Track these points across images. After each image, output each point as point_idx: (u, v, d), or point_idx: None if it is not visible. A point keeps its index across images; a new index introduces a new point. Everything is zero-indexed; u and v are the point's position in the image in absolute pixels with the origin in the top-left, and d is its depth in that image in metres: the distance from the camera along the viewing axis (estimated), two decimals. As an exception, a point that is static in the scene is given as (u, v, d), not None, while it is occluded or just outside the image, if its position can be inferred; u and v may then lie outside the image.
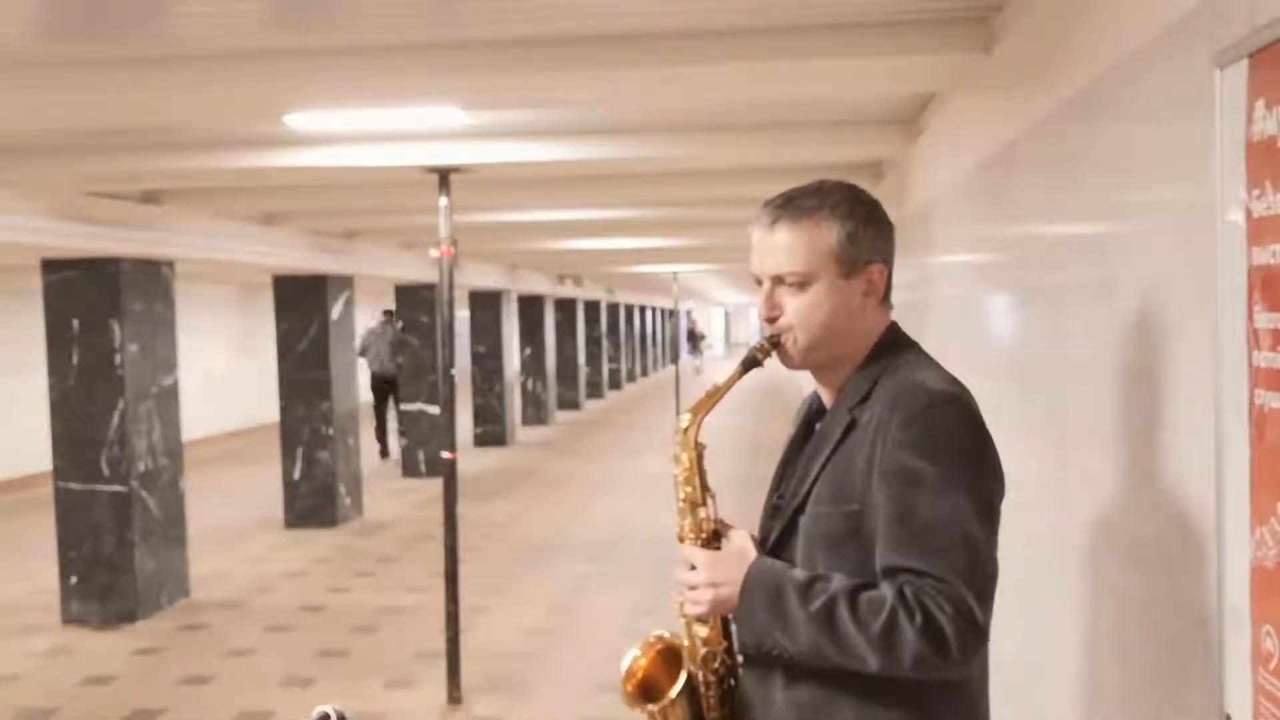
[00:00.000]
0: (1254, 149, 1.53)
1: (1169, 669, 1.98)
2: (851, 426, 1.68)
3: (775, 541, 1.74)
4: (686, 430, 1.80)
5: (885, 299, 1.78)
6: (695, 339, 38.29)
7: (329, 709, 1.66)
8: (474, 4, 3.10)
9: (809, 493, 1.70)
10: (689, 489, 1.81)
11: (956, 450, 1.60)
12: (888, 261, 1.76)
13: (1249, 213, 1.54)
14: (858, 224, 1.71)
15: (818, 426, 1.79)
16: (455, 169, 5.24)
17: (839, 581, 1.60)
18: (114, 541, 6.75)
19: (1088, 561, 2.46)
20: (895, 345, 1.76)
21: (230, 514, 10.26)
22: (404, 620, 6.72)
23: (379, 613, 6.91)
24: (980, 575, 1.57)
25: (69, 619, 6.80)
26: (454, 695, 5.25)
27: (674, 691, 1.80)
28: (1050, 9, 2.73)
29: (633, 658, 1.89)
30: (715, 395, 1.79)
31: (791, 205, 1.73)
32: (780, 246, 1.72)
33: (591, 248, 12.04)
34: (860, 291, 1.73)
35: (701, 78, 3.61)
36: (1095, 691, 2.47)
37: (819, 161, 5.81)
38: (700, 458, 1.82)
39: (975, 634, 1.54)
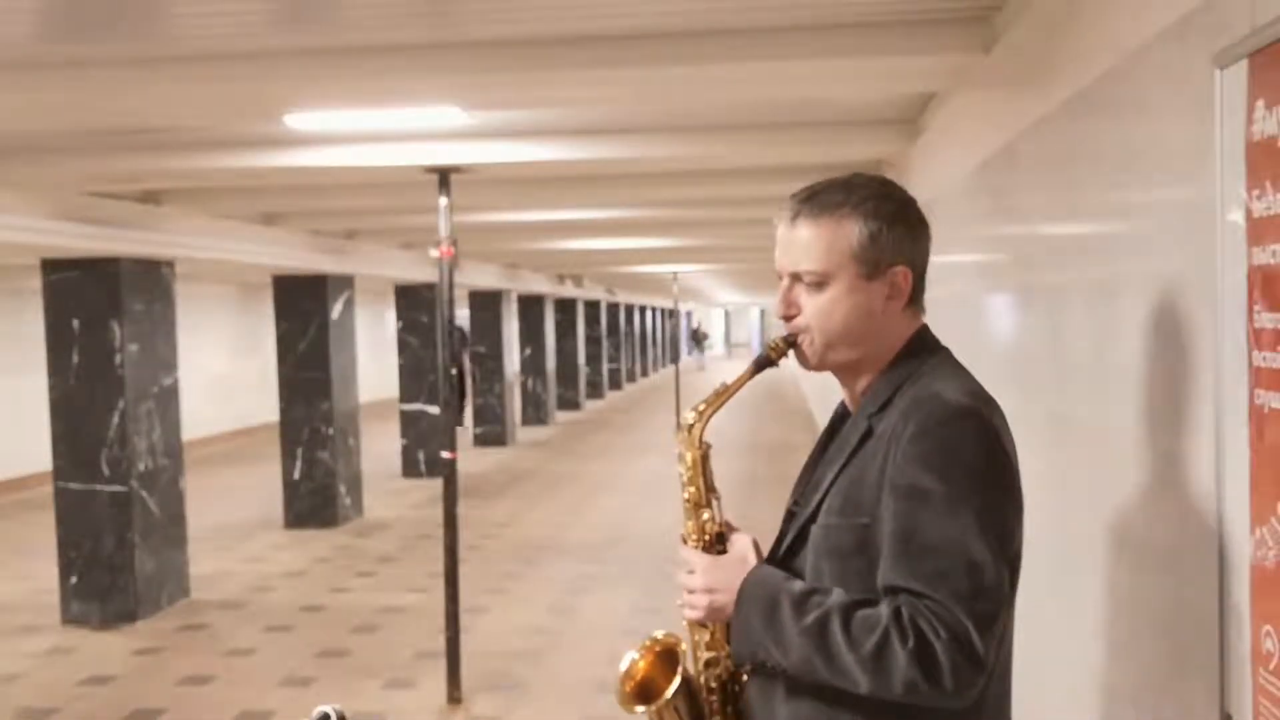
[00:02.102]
0: (1254, 149, 1.53)
1: (1169, 669, 1.98)
2: (868, 435, 1.62)
3: (787, 551, 1.69)
4: (692, 429, 1.75)
5: (914, 302, 1.70)
6: (699, 338, 38.99)
7: (329, 709, 1.65)
8: (474, 4, 3.10)
9: (821, 503, 1.64)
10: (692, 489, 1.76)
11: (969, 468, 1.51)
12: (915, 264, 1.68)
13: (1249, 213, 1.54)
14: (882, 223, 1.63)
15: (841, 432, 1.73)
16: (455, 169, 5.24)
17: (836, 597, 1.54)
18: (114, 541, 6.76)
19: (1088, 561, 2.46)
20: (921, 350, 1.68)
21: (230, 514, 10.26)
22: (404, 620, 6.72)
23: (379, 613, 6.91)
24: (983, 602, 1.48)
25: (69, 619, 6.80)
26: (454, 695, 5.25)
27: (669, 692, 1.76)
28: (1050, 9, 2.73)
29: (631, 660, 1.85)
30: (723, 395, 1.74)
31: (814, 200, 1.66)
32: (799, 243, 1.65)
33: (591, 248, 12.04)
34: (883, 294, 1.65)
35: (701, 78, 3.61)
36: (1095, 691, 2.47)
37: (819, 161, 5.81)
38: (705, 458, 1.77)
39: (971, 663, 1.45)
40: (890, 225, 1.64)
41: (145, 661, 6.09)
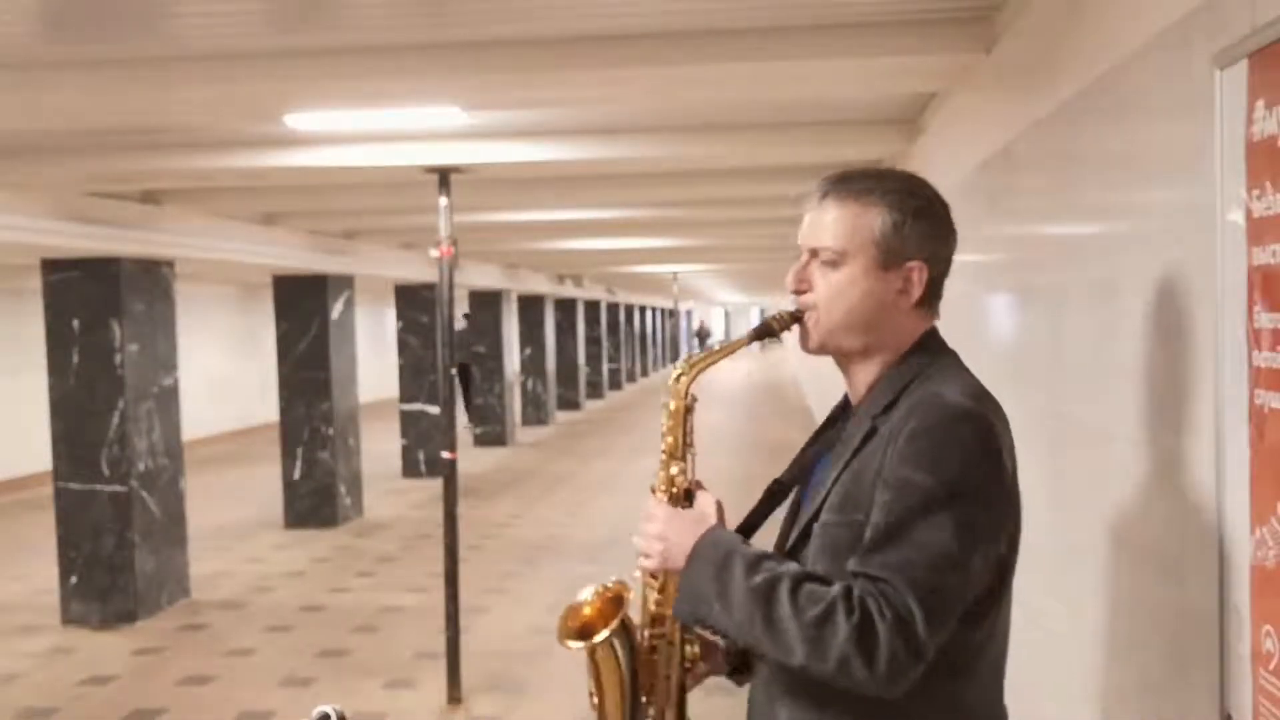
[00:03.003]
0: (1254, 149, 1.53)
1: (1169, 669, 1.98)
2: (871, 435, 1.61)
3: (790, 550, 1.68)
4: (679, 379, 1.75)
5: (927, 303, 1.68)
6: (703, 337, 40.76)
7: (329, 709, 1.65)
8: (473, 4, 3.11)
9: (824, 501, 1.64)
10: (670, 440, 1.76)
11: (961, 468, 1.51)
12: (934, 263, 1.67)
13: (1249, 213, 1.54)
14: (906, 216, 1.64)
15: (844, 430, 1.72)
16: (455, 169, 5.24)
17: (790, 565, 1.55)
18: (114, 541, 6.76)
19: (1088, 561, 2.46)
20: (929, 353, 1.67)
21: (230, 514, 10.26)
22: (404, 620, 6.72)
23: (379, 613, 6.91)
24: (941, 598, 1.47)
25: (69, 619, 6.81)
26: (454, 695, 5.25)
27: (602, 635, 1.75)
28: (1050, 9, 2.73)
29: (584, 598, 1.84)
30: (718, 353, 1.74)
31: (844, 182, 1.67)
32: (823, 220, 1.66)
33: (591, 248, 12.04)
34: (896, 287, 1.64)
35: (702, 78, 3.61)
36: (1095, 691, 2.47)
37: (819, 161, 5.81)
38: (689, 410, 1.77)
39: (909, 652, 1.44)
40: (914, 219, 1.65)
41: (145, 661, 6.09)
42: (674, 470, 1.76)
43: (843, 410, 1.78)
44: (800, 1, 3.13)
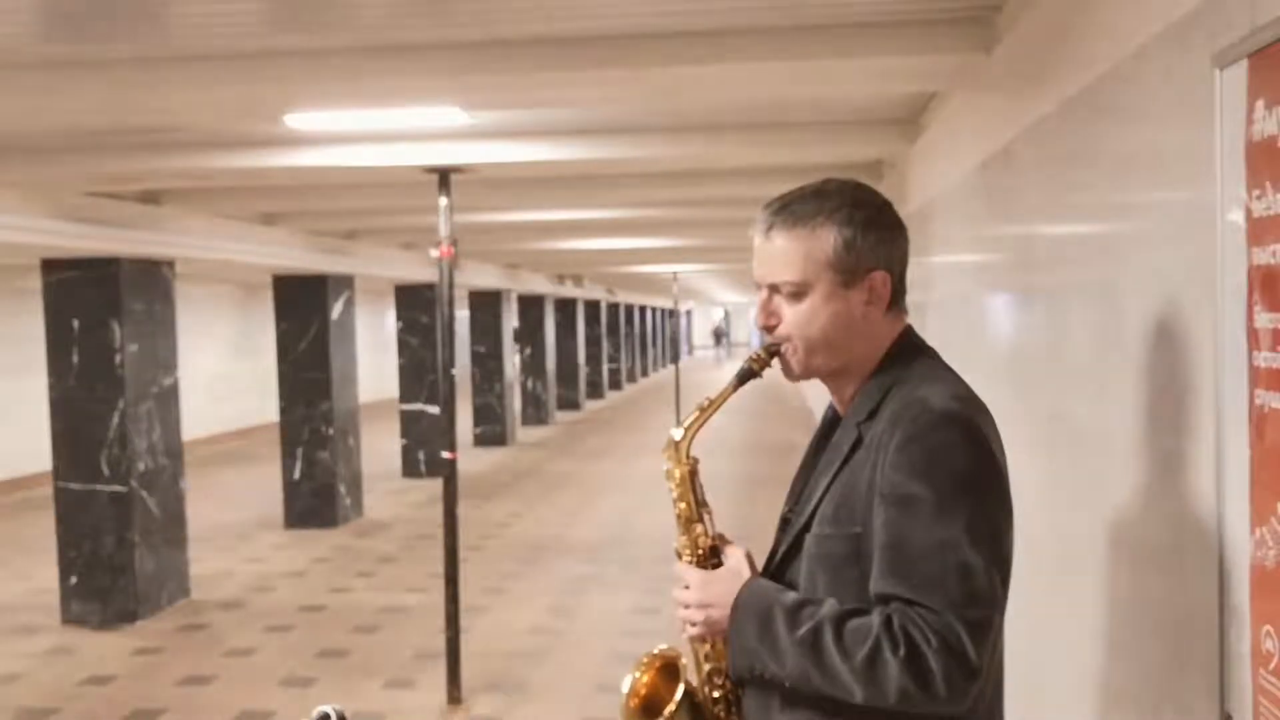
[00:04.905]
0: (1254, 149, 1.53)
1: (1169, 669, 1.98)
2: (858, 443, 1.62)
3: (781, 560, 1.69)
4: (678, 445, 1.76)
5: (895, 305, 1.69)
6: (719, 336, 43.21)
7: (329, 709, 1.65)
8: (474, 4, 3.10)
9: (814, 511, 1.64)
10: (683, 505, 1.77)
11: (955, 474, 1.51)
12: (893, 267, 1.67)
13: (1249, 213, 1.54)
14: (856, 230, 1.63)
15: (832, 439, 1.72)
16: (455, 169, 5.24)
17: (828, 607, 1.55)
18: (114, 541, 6.76)
19: (1088, 561, 2.46)
20: (907, 354, 1.68)
21: (230, 514, 10.26)
22: (404, 620, 6.72)
23: (379, 613, 6.91)
24: (975, 608, 1.47)
25: (69, 619, 6.81)
26: (454, 695, 5.25)
27: (672, 704, 1.76)
28: (1050, 9, 2.73)
29: (633, 678, 1.84)
30: (707, 410, 1.74)
31: (787, 210, 1.66)
32: (775, 254, 1.66)
33: (591, 248, 12.04)
34: (862, 300, 1.65)
35: (702, 78, 3.61)
36: (1095, 691, 2.47)
37: (819, 162, 5.81)
38: (694, 473, 1.77)
39: (963, 670, 1.45)
40: (864, 231, 1.64)
41: (145, 661, 6.09)
42: (696, 532, 1.76)
43: (830, 422, 1.78)
44: (800, 1, 3.13)
